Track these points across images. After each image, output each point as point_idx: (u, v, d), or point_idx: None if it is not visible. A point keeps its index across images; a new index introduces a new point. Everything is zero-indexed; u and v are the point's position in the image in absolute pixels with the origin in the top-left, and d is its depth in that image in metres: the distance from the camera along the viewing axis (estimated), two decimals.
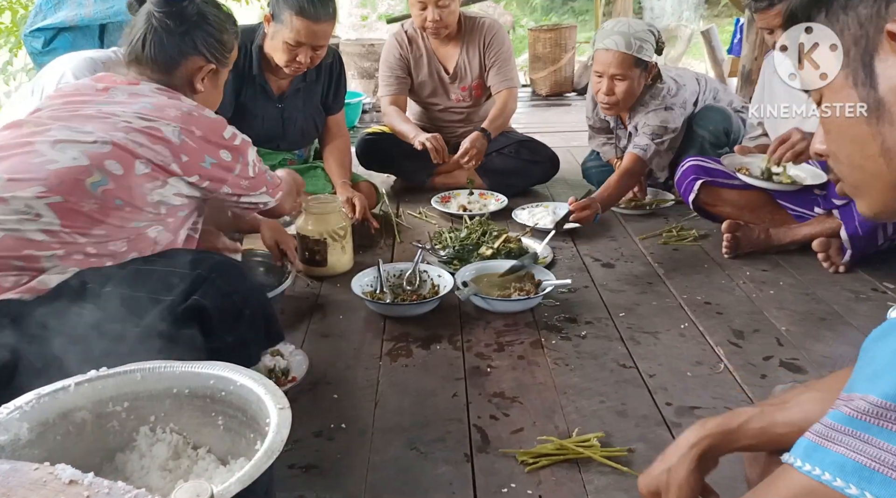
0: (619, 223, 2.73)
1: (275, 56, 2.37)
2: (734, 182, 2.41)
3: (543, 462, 1.33)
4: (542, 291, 1.97)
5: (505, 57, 2.98)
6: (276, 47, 2.34)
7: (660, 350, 1.77)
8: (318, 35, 2.30)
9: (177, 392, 1.16)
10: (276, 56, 2.36)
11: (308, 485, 1.28)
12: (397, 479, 1.30)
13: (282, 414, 1.01)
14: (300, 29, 2.26)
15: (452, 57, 3.01)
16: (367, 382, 1.63)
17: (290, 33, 2.27)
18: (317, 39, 2.31)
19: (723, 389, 1.59)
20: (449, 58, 3.02)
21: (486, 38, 2.96)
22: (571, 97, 5.94)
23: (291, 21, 2.26)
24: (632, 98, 2.59)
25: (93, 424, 1.12)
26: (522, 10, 11.23)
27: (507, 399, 1.56)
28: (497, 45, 2.97)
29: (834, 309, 1.97)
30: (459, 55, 2.99)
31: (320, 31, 2.30)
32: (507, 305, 1.95)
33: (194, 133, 1.47)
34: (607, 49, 2.49)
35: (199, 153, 1.48)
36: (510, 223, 2.60)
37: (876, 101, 0.68)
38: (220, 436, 1.17)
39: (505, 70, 2.98)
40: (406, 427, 1.46)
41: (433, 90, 3.06)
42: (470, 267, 2.12)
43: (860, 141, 0.71)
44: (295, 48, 2.30)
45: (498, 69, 2.97)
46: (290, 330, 1.88)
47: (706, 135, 2.68)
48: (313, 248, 2.17)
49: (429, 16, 2.80)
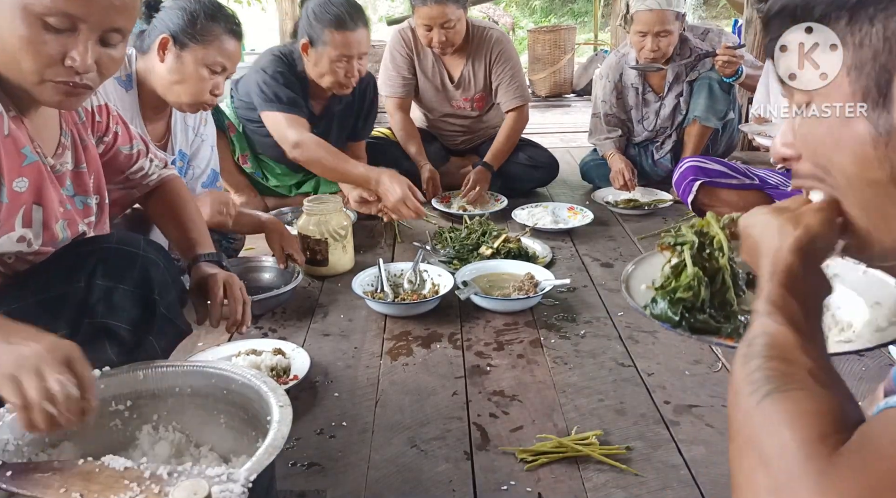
0: (617, 223, 2.74)
1: (324, 80, 2.39)
2: (733, 182, 2.42)
3: (542, 460, 1.33)
4: (542, 291, 1.98)
5: (513, 72, 2.94)
6: (322, 70, 2.36)
7: (658, 349, 1.77)
8: (361, 43, 2.33)
9: (179, 391, 1.18)
10: (325, 79, 2.38)
11: (309, 482, 1.29)
12: (398, 476, 1.31)
13: (283, 412, 1.02)
14: (342, 41, 2.29)
15: (458, 65, 2.97)
16: (368, 381, 1.64)
17: (333, 50, 2.30)
18: (360, 47, 2.34)
19: (721, 388, 1.60)
20: (454, 65, 2.99)
21: (493, 54, 2.92)
22: (570, 98, 5.95)
23: (332, 37, 2.28)
24: (672, 47, 2.79)
25: (95, 423, 1.13)
26: (522, 11, 11.25)
27: (507, 397, 1.57)
28: (504, 60, 2.93)
29: None
30: (465, 65, 2.96)
31: (362, 38, 2.33)
32: (506, 305, 1.96)
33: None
34: (650, 10, 2.65)
35: None
36: (510, 223, 2.61)
37: (889, 126, 0.61)
38: (223, 434, 1.18)
39: (514, 86, 2.94)
40: (406, 425, 1.47)
41: (435, 95, 3.04)
42: (470, 267, 2.13)
43: (862, 162, 0.64)
44: (342, 63, 2.32)
45: (507, 85, 2.93)
46: (292, 329, 1.89)
47: (713, 75, 2.80)
48: (314, 247, 2.18)
49: (434, 37, 2.78)
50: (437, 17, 2.72)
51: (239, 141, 2.67)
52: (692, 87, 2.88)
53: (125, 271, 1.20)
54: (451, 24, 2.74)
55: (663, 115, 2.96)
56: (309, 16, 2.33)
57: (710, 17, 9.56)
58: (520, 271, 2.10)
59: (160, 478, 0.89)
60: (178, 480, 0.87)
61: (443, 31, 2.76)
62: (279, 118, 2.36)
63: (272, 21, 5.64)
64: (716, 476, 1.30)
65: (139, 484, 0.88)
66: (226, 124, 2.62)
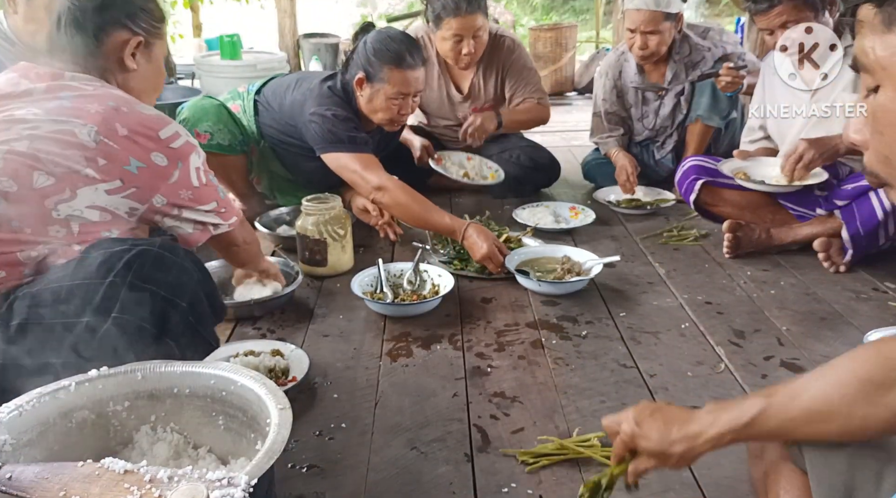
0: (619, 223, 2.73)
1: (377, 116, 2.35)
2: (735, 182, 2.41)
3: (544, 462, 1.32)
4: (594, 272, 2.08)
5: (528, 79, 2.90)
6: (377, 107, 2.32)
7: (660, 350, 1.76)
8: (419, 81, 2.31)
9: (177, 392, 1.17)
10: (379, 116, 2.35)
11: (308, 484, 1.28)
12: (398, 479, 1.30)
13: (282, 414, 1.01)
14: (400, 79, 2.26)
15: (467, 76, 2.91)
16: (368, 382, 1.63)
17: (391, 88, 2.27)
18: (417, 85, 2.32)
19: (723, 389, 1.59)
20: (463, 76, 2.92)
21: (506, 62, 2.87)
22: (572, 97, 5.93)
23: (391, 75, 2.26)
24: (664, 46, 2.76)
25: (93, 423, 1.13)
26: (523, 9, 11.23)
27: (508, 399, 1.56)
28: (519, 69, 2.88)
29: (835, 309, 1.97)
30: (475, 75, 2.89)
31: (420, 76, 2.31)
32: (563, 287, 2.05)
33: (117, 132, 1.30)
34: (638, 9, 2.65)
35: (122, 155, 1.30)
36: (510, 223, 2.60)
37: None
38: (221, 436, 1.17)
39: (532, 89, 2.90)
40: (406, 427, 1.46)
41: (438, 107, 2.98)
42: (514, 254, 2.20)
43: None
44: (398, 100, 2.30)
45: (524, 89, 2.89)
46: (291, 330, 1.88)
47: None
48: (313, 247, 2.17)
49: (464, 49, 2.70)
50: (470, 27, 2.66)
51: (258, 163, 2.63)
52: (693, 87, 2.87)
53: (162, 275, 1.22)
54: (480, 32, 2.70)
55: (663, 114, 2.95)
56: (368, 51, 2.28)
57: (712, 15, 9.53)
58: (557, 254, 2.21)
59: (160, 481, 0.88)
60: (177, 484, 0.86)
61: (473, 42, 2.70)
62: (348, 160, 2.29)
63: (271, 19, 5.62)
64: (718, 478, 1.29)
65: (139, 487, 0.87)
66: (249, 147, 2.57)
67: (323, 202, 2.19)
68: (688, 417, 0.90)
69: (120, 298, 1.17)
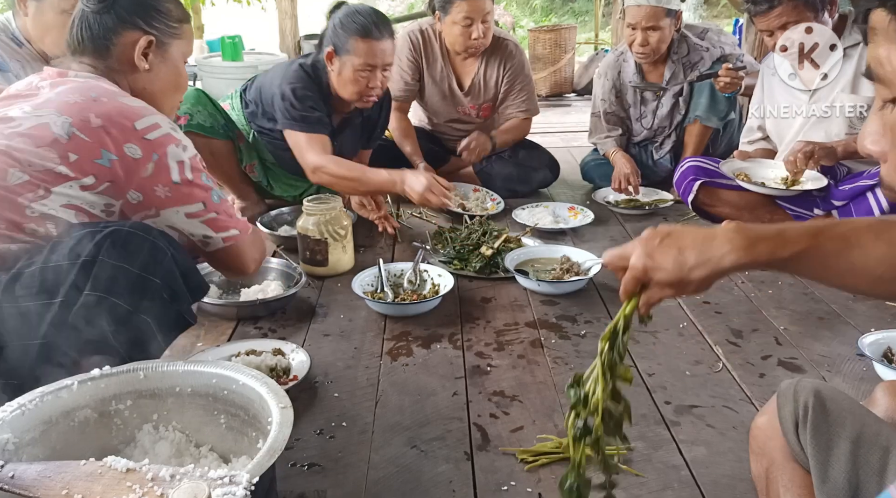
0: (618, 223, 2.74)
1: (346, 90, 2.35)
2: (733, 183, 2.42)
3: (543, 460, 1.33)
4: (590, 274, 2.09)
5: (523, 84, 2.94)
6: (346, 80, 2.33)
7: (659, 349, 1.77)
8: (385, 53, 2.31)
9: (179, 391, 1.17)
10: (348, 89, 2.35)
11: (309, 482, 1.29)
12: (398, 477, 1.31)
13: (284, 413, 1.02)
14: (366, 50, 2.27)
15: (469, 72, 2.94)
16: (368, 381, 1.64)
17: (358, 59, 2.28)
18: (384, 57, 2.32)
19: (721, 388, 1.59)
20: (465, 71, 2.95)
21: (507, 63, 2.90)
22: (571, 98, 5.94)
23: (357, 46, 2.26)
24: (664, 44, 2.77)
25: (96, 422, 1.14)
26: (522, 10, 11.24)
27: (507, 398, 1.56)
28: (516, 72, 2.92)
29: (832, 308, 1.98)
30: (477, 72, 2.92)
31: (386, 48, 2.31)
32: (561, 287, 2.06)
33: (90, 123, 1.25)
34: (639, 5, 2.66)
35: (94, 147, 1.25)
36: (510, 223, 2.61)
37: None
38: (223, 434, 1.18)
39: (522, 98, 2.94)
40: (406, 426, 1.46)
41: (440, 100, 3.00)
42: (512, 254, 2.22)
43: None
44: (367, 72, 2.30)
45: (516, 95, 2.94)
46: (292, 329, 1.89)
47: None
48: (314, 247, 2.18)
49: (474, 33, 2.72)
50: (480, 9, 2.70)
51: (248, 150, 2.63)
52: (692, 87, 2.88)
53: (133, 253, 1.21)
54: (489, 17, 2.74)
55: (661, 114, 2.96)
56: (335, 25, 2.31)
57: (710, 16, 9.55)
58: (556, 254, 2.23)
59: (162, 480, 0.89)
60: (180, 482, 0.87)
61: (482, 27, 2.73)
62: (301, 139, 2.33)
63: (272, 20, 5.63)
64: (717, 476, 1.29)
65: (141, 486, 0.88)
66: (234, 133, 2.59)
67: (324, 202, 2.20)
68: (703, 237, 0.83)
69: (91, 276, 1.17)
